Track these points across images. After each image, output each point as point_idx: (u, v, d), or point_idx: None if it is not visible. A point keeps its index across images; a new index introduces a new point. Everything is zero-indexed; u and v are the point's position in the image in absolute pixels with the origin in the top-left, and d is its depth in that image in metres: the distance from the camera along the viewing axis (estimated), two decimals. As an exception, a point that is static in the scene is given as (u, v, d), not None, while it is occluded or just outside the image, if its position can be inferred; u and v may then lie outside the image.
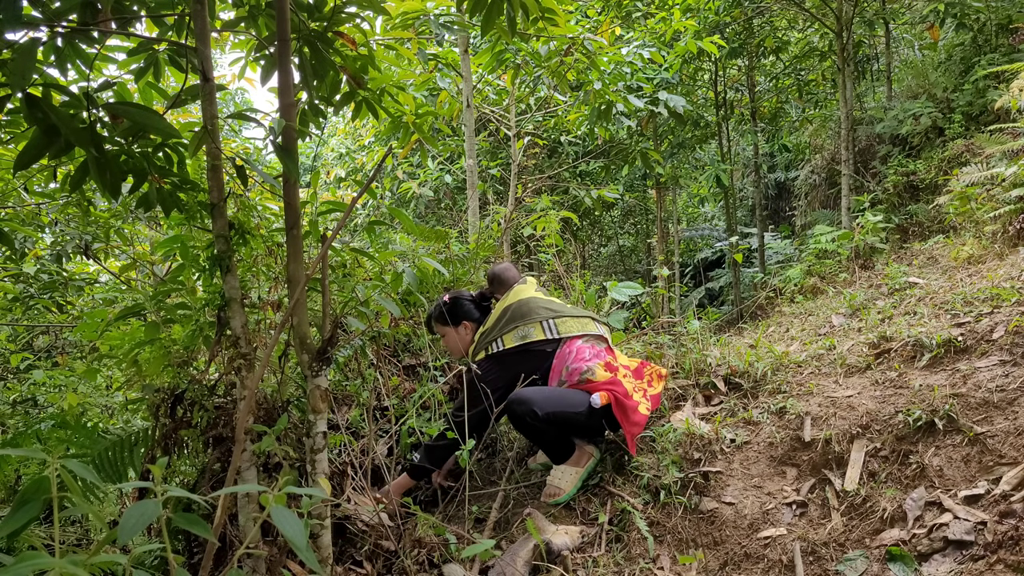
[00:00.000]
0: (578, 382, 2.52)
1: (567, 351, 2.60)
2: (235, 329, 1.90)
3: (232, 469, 1.61)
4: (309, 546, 1.78)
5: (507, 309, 2.70)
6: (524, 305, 2.69)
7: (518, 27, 2.59)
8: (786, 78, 10.31)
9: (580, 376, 2.53)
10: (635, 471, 2.53)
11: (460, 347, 2.82)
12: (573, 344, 2.61)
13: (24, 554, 0.81)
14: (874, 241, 6.02)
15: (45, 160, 1.69)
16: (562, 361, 2.59)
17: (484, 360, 2.64)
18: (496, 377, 2.59)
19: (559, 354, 2.60)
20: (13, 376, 4.22)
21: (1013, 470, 2.02)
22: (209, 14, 1.95)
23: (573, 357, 2.57)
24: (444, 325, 2.80)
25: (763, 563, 2.07)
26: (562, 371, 2.58)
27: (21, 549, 2.31)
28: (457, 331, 2.79)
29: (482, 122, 7.23)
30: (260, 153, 5.21)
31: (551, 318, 2.65)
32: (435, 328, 2.85)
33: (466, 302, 2.82)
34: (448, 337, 2.82)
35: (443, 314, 2.79)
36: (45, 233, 3.76)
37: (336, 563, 2.04)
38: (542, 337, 2.61)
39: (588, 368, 2.54)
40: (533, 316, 2.65)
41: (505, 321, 2.66)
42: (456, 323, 2.78)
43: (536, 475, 2.73)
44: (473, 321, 2.79)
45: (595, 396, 2.45)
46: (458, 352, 2.84)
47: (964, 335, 2.93)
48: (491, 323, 2.71)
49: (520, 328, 2.62)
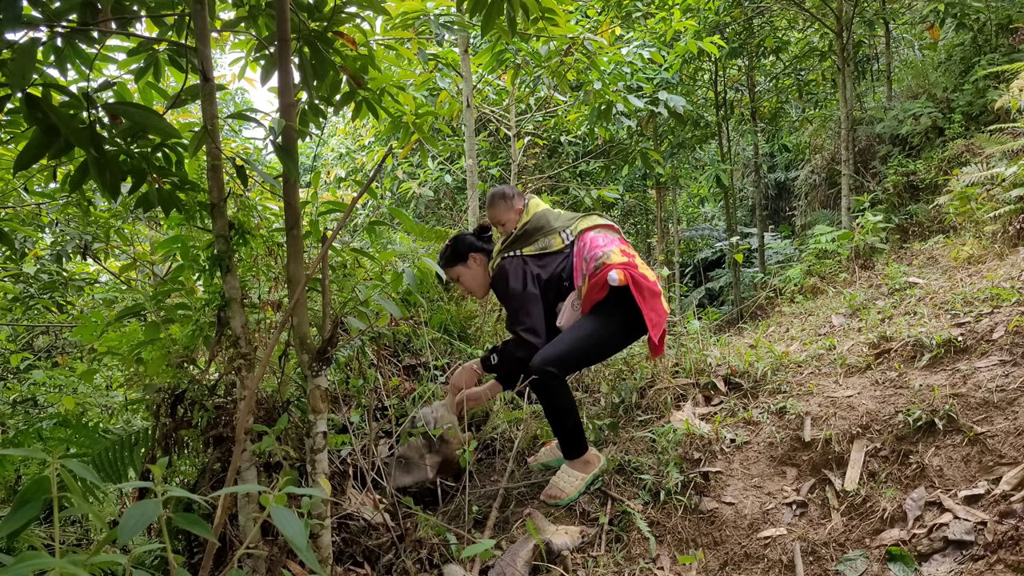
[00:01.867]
0: (595, 269, 2.48)
1: (582, 245, 2.58)
2: (235, 329, 1.90)
3: (232, 469, 1.61)
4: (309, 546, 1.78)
5: (524, 227, 2.66)
6: (542, 218, 2.66)
7: (518, 27, 2.59)
8: (786, 78, 10.32)
9: (597, 262, 2.49)
10: (635, 471, 2.53)
11: (478, 282, 2.73)
12: (586, 236, 2.59)
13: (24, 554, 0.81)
14: (874, 241, 6.02)
15: (45, 160, 1.69)
16: (580, 256, 2.56)
17: (503, 264, 2.60)
18: (524, 272, 2.56)
19: (576, 251, 2.58)
20: (13, 376, 4.22)
21: (1013, 470, 2.02)
22: (209, 14, 1.95)
23: (589, 247, 2.55)
24: (454, 265, 2.71)
25: (763, 563, 2.07)
26: (582, 265, 2.54)
27: (21, 549, 2.31)
28: (468, 266, 2.70)
29: (482, 122, 7.23)
30: (260, 153, 5.21)
31: (567, 227, 2.64)
32: (448, 274, 2.74)
33: (468, 236, 2.77)
34: (463, 277, 2.72)
35: (451, 254, 2.71)
36: (45, 233, 3.76)
37: (336, 563, 2.04)
38: (561, 245, 2.61)
39: (604, 253, 2.50)
40: (551, 227, 2.63)
41: (523, 238, 2.64)
42: (464, 258, 2.69)
43: (536, 475, 2.73)
44: (480, 252, 2.72)
45: (612, 274, 2.42)
46: (479, 289, 2.75)
47: (964, 335, 2.93)
48: (508, 243, 2.67)
49: (540, 241, 2.61)
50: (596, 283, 2.47)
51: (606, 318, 2.49)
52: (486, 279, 2.72)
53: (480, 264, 2.71)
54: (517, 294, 2.53)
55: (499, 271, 2.59)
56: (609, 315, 2.49)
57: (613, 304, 2.47)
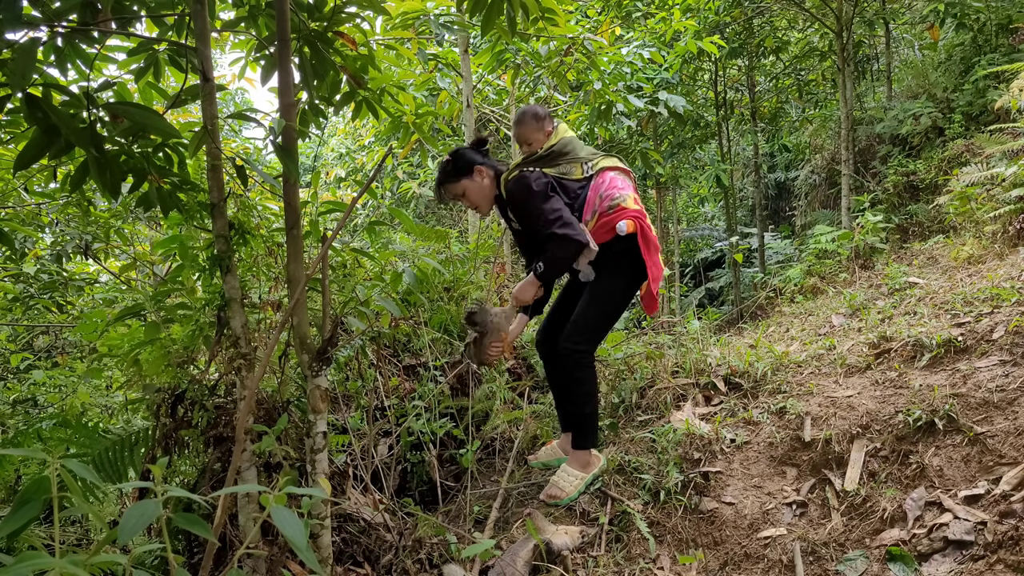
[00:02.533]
0: (608, 208, 2.46)
1: (600, 181, 2.53)
2: (235, 329, 1.90)
3: (232, 469, 1.61)
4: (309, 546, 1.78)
5: (551, 148, 2.59)
6: (569, 143, 2.60)
7: (518, 27, 2.59)
8: (786, 78, 10.32)
9: (611, 202, 2.46)
10: (635, 471, 2.53)
11: (484, 196, 2.60)
12: (606, 175, 2.54)
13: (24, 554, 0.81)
14: (874, 241, 6.02)
15: (45, 160, 1.69)
16: (595, 191, 2.51)
17: (523, 174, 2.50)
18: (546, 182, 2.48)
19: (593, 185, 2.53)
20: (13, 376, 4.22)
21: (1013, 470, 2.02)
22: (209, 14, 1.95)
23: (607, 185, 2.50)
24: (458, 180, 2.56)
25: (763, 563, 2.07)
26: (595, 201, 2.49)
27: (21, 549, 2.31)
28: (474, 180, 2.57)
29: (482, 122, 7.23)
30: (260, 153, 5.21)
31: (589, 160, 2.59)
32: (450, 191, 2.60)
33: (466, 150, 2.64)
34: (469, 191, 2.57)
35: (453, 169, 2.57)
36: (45, 233, 3.76)
37: (336, 563, 2.04)
38: (580, 176, 2.55)
39: (621, 195, 2.47)
40: (576, 155, 2.58)
41: (547, 159, 2.56)
42: (469, 172, 2.56)
43: (536, 475, 2.73)
44: (483, 165, 2.59)
45: (622, 224, 2.42)
46: (484, 203, 2.63)
47: (964, 335, 2.93)
48: (530, 161, 2.58)
49: (562, 166, 2.55)
50: (605, 223, 2.45)
51: (615, 276, 2.51)
52: (492, 193, 2.60)
53: (486, 177, 2.58)
54: (541, 196, 2.44)
55: (518, 181, 2.49)
56: (617, 271, 2.51)
57: (618, 254, 2.48)
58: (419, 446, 2.78)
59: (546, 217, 2.41)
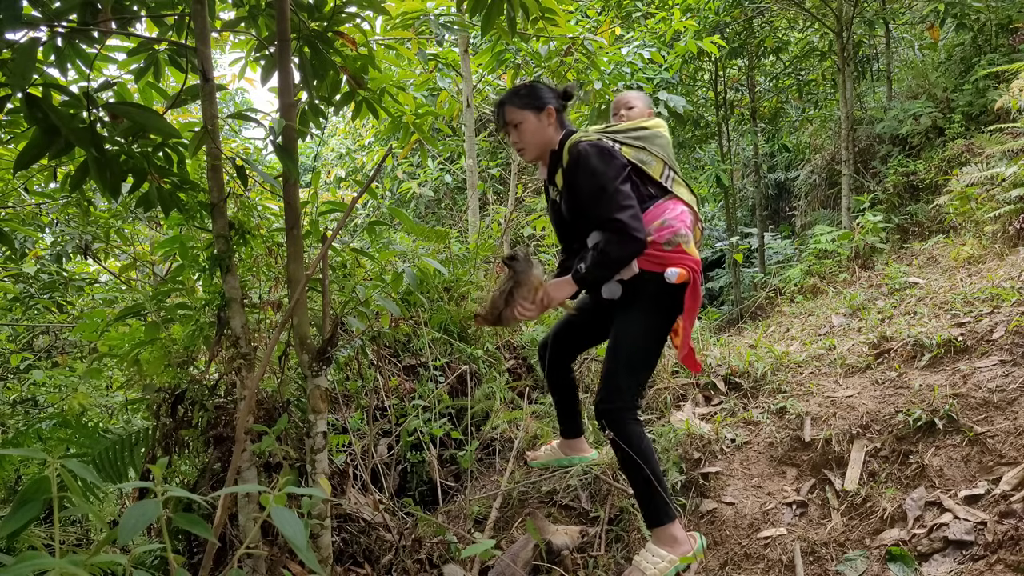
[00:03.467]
0: (668, 242, 2.13)
1: (671, 205, 2.19)
2: (235, 329, 1.90)
3: (232, 469, 1.61)
4: (309, 546, 1.78)
5: (641, 126, 2.29)
6: (658, 136, 2.29)
7: (518, 27, 2.59)
8: (786, 78, 10.32)
9: (674, 236, 2.13)
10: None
11: (538, 140, 2.23)
12: (679, 204, 2.21)
13: (24, 554, 0.81)
14: (874, 241, 6.02)
15: (45, 160, 1.69)
16: (660, 213, 2.16)
17: (598, 141, 2.15)
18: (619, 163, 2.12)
19: (661, 204, 2.18)
20: (13, 376, 4.22)
21: (1013, 470, 2.02)
22: (209, 14, 1.95)
23: (676, 216, 2.17)
24: (526, 108, 2.21)
25: (763, 563, 2.07)
26: (654, 223, 2.14)
27: (21, 549, 2.31)
28: (540, 118, 2.21)
29: (482, 122, 7.23)
30: (260, 153, 5.21)
31: (671, 169, 2.28)
32: (509, 114, 2.24)
33: (548, 89, 2.28)
34: (526, 125, 2.21)
35: (529, 94, 2.22)
36: (45, 233, 3.76)
37: (336, 563, 2.04)
38: (656, 177, 2.20)
39: (686, 235, 2.15)
40: (662, 152, 2.25)
41: (633, 136, 2.24)
42: (541, 107, 2.21)
43: (536, 474, 2.73)
44: (559, 113, 2.26)
45: (673, 271, 2.09)
46: (533, 149, 2.26)
47: (964, 335, 2.93)
48: (612, 129, 2.29)
49: (642, 152, 2.21)
50: (658, 257, 2.12)
51: (652, 315, 2.17)
52: (547, 144, 2.24)
53: (552, 125, 2.23)
54: (614, 174, 2.07)
55: (594, 146, 2.11)
56: (655, 310, 2.17)
57: (659, 293, 2.15)
58: (419, 446, 2.78)
59: (617, 201, 2.04)
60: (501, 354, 3.44)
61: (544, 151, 2.25)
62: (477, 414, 3.11)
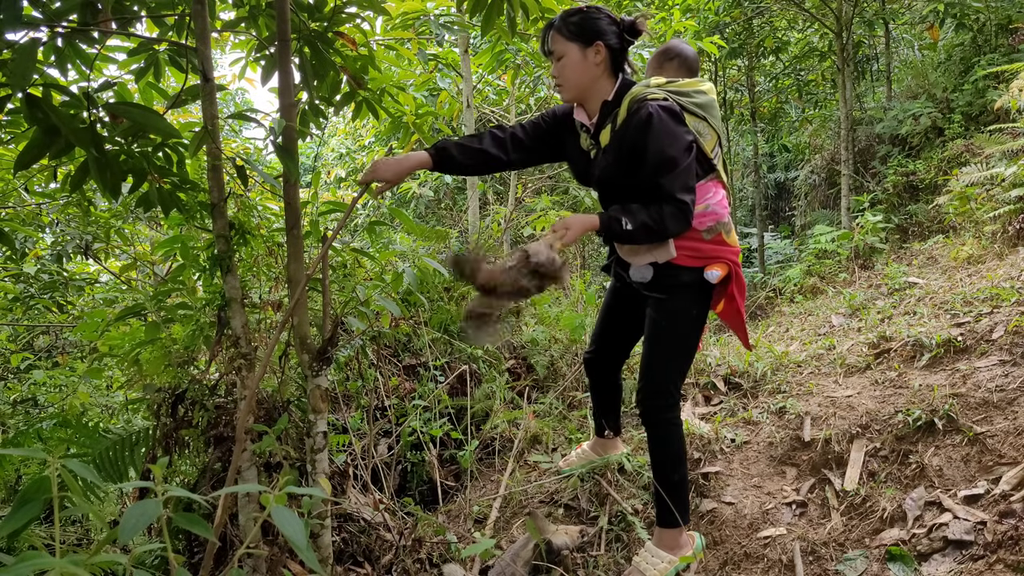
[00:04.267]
0: (708, 230, 1.99)
1: (714, 189, 2.02)
2: (235, 329, 1.90)
3: (232, 469, 1.61)
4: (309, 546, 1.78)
5: (699, 90, 2.03)
6: (715, 105, 2.05)
7: (518, 27, 2.59)
8: (786, 78, 10.32)
9: (715, 223, 2.00)
10: (635, 471, 2.53)
11: (582, 79, 1.95)
12: (720, 188, 2.05)
13: (24, 554, 0.81)
14: (874, 241, 6.03)
15: (45, 160, 1.69)
16: (702, 196, 1.98)
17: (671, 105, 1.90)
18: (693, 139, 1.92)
19: (704, 185, 1.99)
20: (13, 376, 4.22)
21: (1013, 470, 2.02)
22: (209, 14, 1.95)
23: (718, 200, 2.02)
24: (573, 40, 1.92)
25: (763, 563, 2.07)
26: (697, 207, 1.97)
27: (21, 549, 2.31)
28: (586, 55, 1.93)
29: (482, 122, 7.23)
30: (260, 153, 5.21)
31: (720, 145, 2.09)
32: (555, 43, 1.96)
33: (605, 21, 1.94)
34: (570, 59, 1.93)
35: (579, 23, 1.93)
36: (45, 233, 3.76)
37: (336, 563, 2.04)
38: (707, 152, 1.99)
39: (727, 223, 2.03)
40: (717, 124, 2.04)
41: (697, 103, 1.99)
42: (588, 39, 1.92)
43: (536, 474, 2.73)
44: (609, 48, 1.94)
45: (712, 272, 1.98)
46: (573, 90, 1.98)
47: (964, 335, 2.93)
48: (675, 88, 2.00)
49: (702, 124, 1.98)
50: (696, 249, 2.00)
51: (690, 304, 2.05)
52: (590, 85, 1.96)
53: (601, 64, 1.95)
54: (685, 148, 1.88)
55: (668, 111, 1.87)
56: (692, 300, 2.05)
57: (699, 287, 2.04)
58: (419, 446, 2.78)
59: (685, 180, 1.86)
60: (501, 354, 3.44)
61: (585, 93, 1.98)
62: (477, 414, 3.11)
